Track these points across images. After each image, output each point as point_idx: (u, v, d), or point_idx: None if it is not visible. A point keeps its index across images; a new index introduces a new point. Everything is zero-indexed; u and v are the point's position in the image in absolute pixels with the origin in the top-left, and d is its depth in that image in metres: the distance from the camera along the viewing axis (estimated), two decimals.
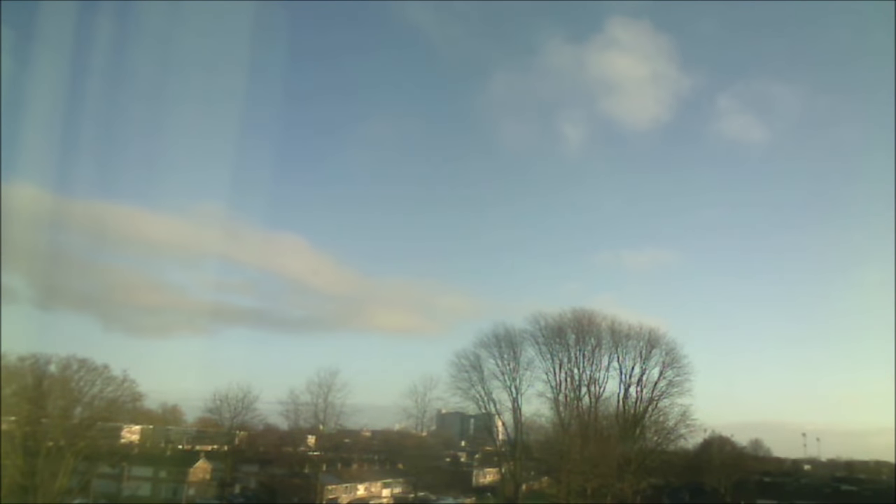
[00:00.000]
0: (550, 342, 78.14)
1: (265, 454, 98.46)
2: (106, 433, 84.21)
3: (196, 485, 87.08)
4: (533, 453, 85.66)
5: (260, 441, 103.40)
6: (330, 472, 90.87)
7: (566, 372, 77.55)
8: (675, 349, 79.13)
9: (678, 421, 78.47)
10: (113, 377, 69.53)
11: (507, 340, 77.68)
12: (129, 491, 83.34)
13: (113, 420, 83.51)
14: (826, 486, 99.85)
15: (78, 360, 68.25)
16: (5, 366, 64.08)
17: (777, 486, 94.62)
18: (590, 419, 78.01)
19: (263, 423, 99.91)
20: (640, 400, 79.10)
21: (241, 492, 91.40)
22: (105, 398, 69.68)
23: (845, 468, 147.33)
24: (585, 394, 78.01)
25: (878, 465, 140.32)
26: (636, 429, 79.10)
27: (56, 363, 67.73)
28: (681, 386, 77.94)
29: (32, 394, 64.95)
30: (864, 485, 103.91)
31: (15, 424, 64.89)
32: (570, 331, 78.83)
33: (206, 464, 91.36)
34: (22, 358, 65.83)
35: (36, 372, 66.39)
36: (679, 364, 78.36)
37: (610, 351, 78.86)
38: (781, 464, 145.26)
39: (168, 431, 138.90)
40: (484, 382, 77.46)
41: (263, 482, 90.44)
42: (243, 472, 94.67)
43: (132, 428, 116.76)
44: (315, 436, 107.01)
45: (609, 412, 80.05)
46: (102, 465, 79.60)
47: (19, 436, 62.93)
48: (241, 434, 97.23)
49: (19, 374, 65.73)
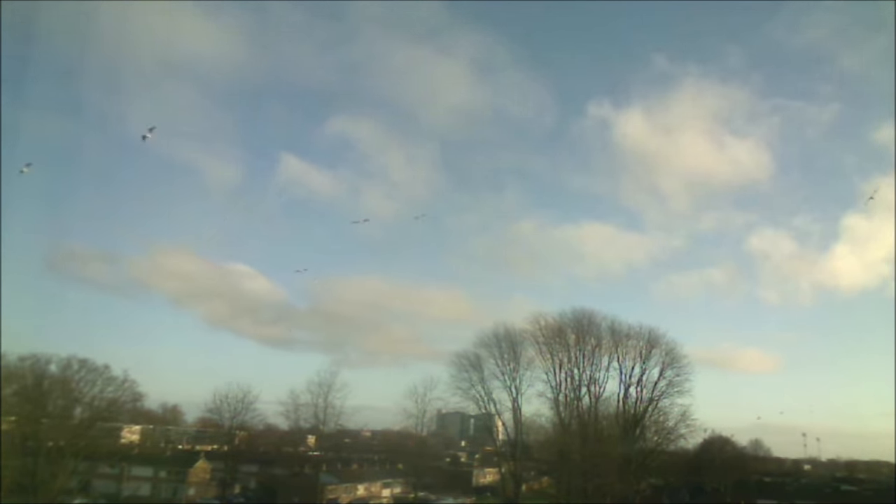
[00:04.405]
0: (550, 342, 78.02)
1: (265, 454, 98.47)
2: (106, 433, 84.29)
3: (196, 485, 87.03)
4: (533, 453, 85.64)
5: (260, 441, 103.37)
6: (330, 472, 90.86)
7: (566, 372, 77.41)
8: (675, 349, 79.01)
9: (678, 421, 78.33)
10: (113, 377, 69.60)
11: (507, 340, 77.65)
12: (129, 491, 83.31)
13: (113, 420, 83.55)
14: (826, 487, 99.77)
15: (78, 360, 68.31)
16: (5, 366, 64.11)
17: (777, 486, 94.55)
18: (590, 419, 77.84)
19: (263, 423, 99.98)
20: (640, 400, 78.94)
21: (241, 492, 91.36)
22: (105, 398, 69.73)
23: (845, 468, 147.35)
24: (585, 394, 77.84)
25: (879, 465, 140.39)
26: (636, 429, 78.92)
27: (56, 363, 67.76)
28: (681, 386, 77.83)
29: (32, 394, 64.97)
30: (864, 485, 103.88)
31: (15, 424, 64.93)
32: (570, 331, 78.73)
33: (206, 464, 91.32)
34: (22, 358, 65.90)
35: (36, 372, 66.37)
36: (679, 364, 78.26)
37: (610, 351, 78.69)
38: (781, 464, 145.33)
39: (168, 431, 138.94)
40: (484, 382, 77.42)
41: (263, 482, 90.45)
42: (243, 472, 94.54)
43: (132, 428, 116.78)
44: (315, 436, 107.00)
45: (609, 412, 79.86)
46: (102, 465, 79.66)
47: (19, 436, 62.98)
48: (241, 434, 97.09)
49: (19, 374, 65.74)
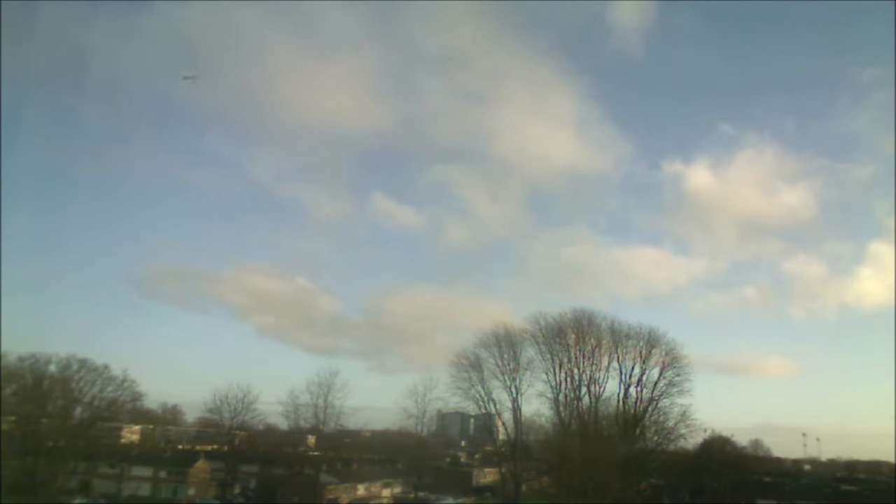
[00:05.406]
0: (550, 342, 77.84)
1: (265, 454, 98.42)
2: (106, 433, 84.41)
3: (196, 485, 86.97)
4: (533, 453, 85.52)
5: (260, 441, 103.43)
6: (330, 472, 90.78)
7: (566, 372, 77.26)
8: (675, 349, 78.88)
9: (678, 421, 78.17)
10: (113, 377, 69.63)
11: (507, 340, 77.49)
12: (129, 491, 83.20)
13: (113, 420, 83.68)
14: (826, 487, 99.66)
15: (78, 360, 68.31)
16: (5, 366, 64.13)
17: (777, 487, 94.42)
18: (590, 419, 77.77)
19: (263, 423, 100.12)
20: (640, 400, 78.74)
21: (241, 492, 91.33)
22: (105, 398, 69.76)
23: (845, 468, 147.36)
24: (585, 394, 77.67)
25: (879, 465, 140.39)
26: (636, 429, 78.81)
27: (56, 363, 67.74)
28: (681, 386, 77.74)
29: (32, 394, 65.00)
30: (864, 485, 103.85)
31: (15, 424, 64.97)
32: (570, 331, 78.53)
33: (206, 464, 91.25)
34: (22, 358, 65.92)
35: (36, 372, 66.38)
36: (679, 364, 78.16)
37: (610, 351, 78.48)
38: (781, 464, 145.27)
39: (168, 431, 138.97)
40: (484, 382, 77.21)
41: (263, 482, 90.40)
42: (243, 472, 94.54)
43: (132, 428, 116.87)
44: (315, 436, 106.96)
45: (609, 412, 79.71)
46: (102, 465, 79.70)
47: (19, 436, 63.01)
48: (241, 434, 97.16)
49: (19, 374, 65.74)
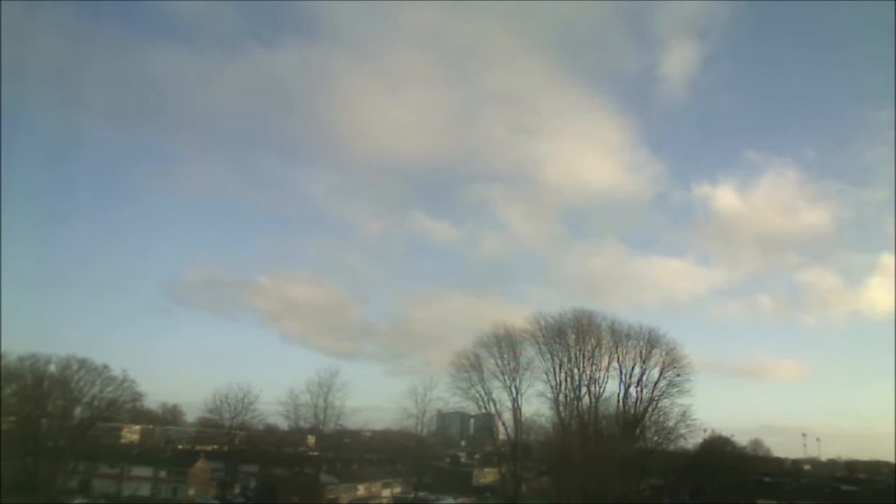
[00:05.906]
0: (550, 342, 77.74)
1: (265, 454, 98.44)
2: (106, 433, 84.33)
3: (196, 485, 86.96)
4: (533, 453, 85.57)
5: (260, 441, 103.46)
6: (330, 472, 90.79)
7: (566, 372, 77.19)
8: (675, 349, 78.83)
9: (678, 421, 78.17)
10: (113, 377, 69.52)
11: (507, 340, 77.45)
12: (129, 491, 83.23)
13: (113, 420, 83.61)
14: (826, 487, 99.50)
15: (78, 360, 68.25)
16: (5, 366, 64.09)
17: (777, 487, 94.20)
18: (590, 419, 77.70)
19: (263, 423, 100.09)
20: (640, 400, 78.66)
21: (241, 492, 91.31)
22: (105, 398, 69.66)
23: (845, 468, 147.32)
24: (585, 394, 77.58)
25: (879, 465, 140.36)
26: (636, 429, 78.78)
27: (56, 363, 67.69)
28: (681, 386, 77.71)
29: (32, 394, 64.94)
30: (864, 485, 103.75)
31: (15, 424, 64.91)
32: (570, 331, 78.42)
33: (206, 464, 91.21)
34: (22, 358, 65.86)
35: (36, 372, 66.31)
36: (679, 364, 78.14)
37: (610, 351, 78.39)
38: (781, 464, 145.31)
39: (168, 431, 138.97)
40: (484, 382, 77.13)
41: (263, 482, 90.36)
42: (243, 472, 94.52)
43: (132, 428, 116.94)
44: (315, 436, 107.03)
45: (609, 412, 79.67)
46: (102, 465, 79.66)
47: (19, 436, 62.93)
48: (241, 434, 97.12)
49: (19, 374, 65.70)
